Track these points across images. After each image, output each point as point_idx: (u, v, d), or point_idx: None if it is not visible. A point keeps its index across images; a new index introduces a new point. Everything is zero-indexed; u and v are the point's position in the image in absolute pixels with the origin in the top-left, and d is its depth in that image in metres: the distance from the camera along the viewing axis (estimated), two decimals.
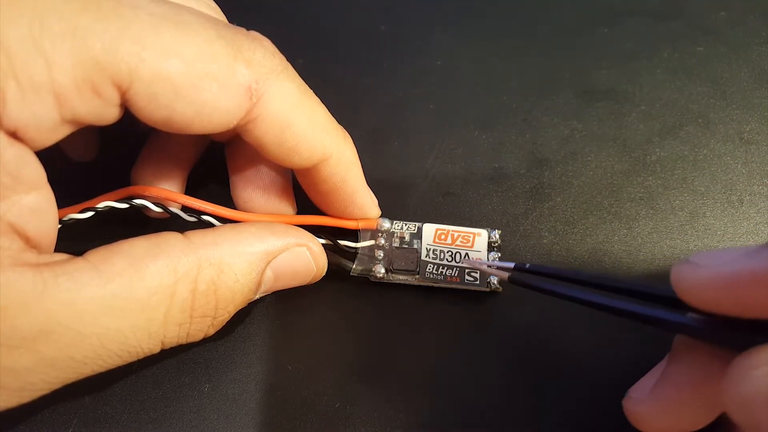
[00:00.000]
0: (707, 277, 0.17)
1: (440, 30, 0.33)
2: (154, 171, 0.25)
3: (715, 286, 0.16)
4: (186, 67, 0.18)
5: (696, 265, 0.17)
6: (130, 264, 0.19)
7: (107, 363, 0.19)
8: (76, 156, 0.26)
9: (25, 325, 0.17)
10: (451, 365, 0.25)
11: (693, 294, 0.17)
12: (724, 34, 0.32)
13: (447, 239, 0.26)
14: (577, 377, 0.24)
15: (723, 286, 0.16)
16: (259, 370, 0.25)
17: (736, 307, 0.16)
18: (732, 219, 0.28)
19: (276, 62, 0.20)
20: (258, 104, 0.20)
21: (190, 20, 0.19)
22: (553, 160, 0.29)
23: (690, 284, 0.17)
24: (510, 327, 0.25)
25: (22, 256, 0.17)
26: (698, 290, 0.17)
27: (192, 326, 0.20)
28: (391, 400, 0.24)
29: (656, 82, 0.31)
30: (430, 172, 0.29)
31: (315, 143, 0.22)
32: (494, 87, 0.31)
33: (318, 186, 0.24)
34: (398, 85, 0.31)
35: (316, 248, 0.23)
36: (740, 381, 0.15)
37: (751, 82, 0.31)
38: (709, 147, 0.29)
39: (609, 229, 0.28)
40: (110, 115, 0.19)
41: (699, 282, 0.17)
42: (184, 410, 0.24)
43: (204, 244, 0.20)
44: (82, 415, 0.23)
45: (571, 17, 0.33)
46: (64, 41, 0.17)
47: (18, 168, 0.17)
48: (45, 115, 0.17)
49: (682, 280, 0.17)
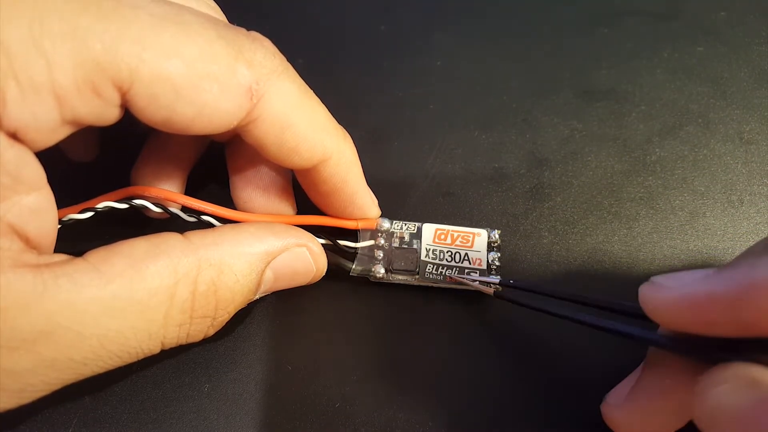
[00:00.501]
0: (669, 298, 0.18)
1: (440, 30, 0.33)
2: (153, 171, 0.25)
3: (676, 306, 0.18)
4: (186, 68, 0.18)
5: (659, 286, 0.18)
6: (130, 265, 0.19)
7: (107, 364, 0.19)
8: (76, 156, 0.26)
9: (25, 327, 0.17)
10: (451, 365, 0.25)
11: (658, 313, 0.18)
12: (724, 34, 0.33)
13: (447, 239, 0.26)
14: (576, 377, 0.24)
15: (684, 306, 0.17)
16: (259, 370, 0.25)
17: (697, 326, 0.17)
18: (732, 219, 0.28)
19: (276, 63, 0.20)
20: (258, 105, 0.20)
21: (190, 20, 0.19)
22: (553, 160, 0.29)
23: (654, 305, 0.18)
24: (509, 327, 0.25)
25: (22, 257, 0.17)
26: (662, 310, 0.18)
27: (192, 327, 0.20)
28: (391, 400, 0.24)
29: (656, 82, 0.31)
30: (430, 172, 0.29)
31: (315, 144, 0.22)
32: (494, 87, 0.31)
33: (318, 186, 0.24)
34: (398, 85, 0.31)
35: (316, 248, 0.23)
36: (704, 397, 0.16)
37: (751, 82, 0.31)
38: (709, 147, 0.29)
39: (609, 229, 0.28)
40: (110, 115, 0.19)
41: (661, 302, 0.18)
42: (184, 410, 0.24)
43: (204, 245, 0.20)
44: (82, 416, 0.23)
45: (571, 17, 0.33)
46: (65, 42, 0.16)
47: (18, 169, 0.17)
48: (45, 115, 0.17)
49: (647, 301, 0.19)
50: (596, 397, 0.23)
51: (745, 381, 0.16)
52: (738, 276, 0.16)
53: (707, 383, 0.17)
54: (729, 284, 0.16)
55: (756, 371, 0.16)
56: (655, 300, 0.18)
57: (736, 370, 0.16)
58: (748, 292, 0.16)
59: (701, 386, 0.17)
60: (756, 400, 0.15)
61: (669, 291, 0.18)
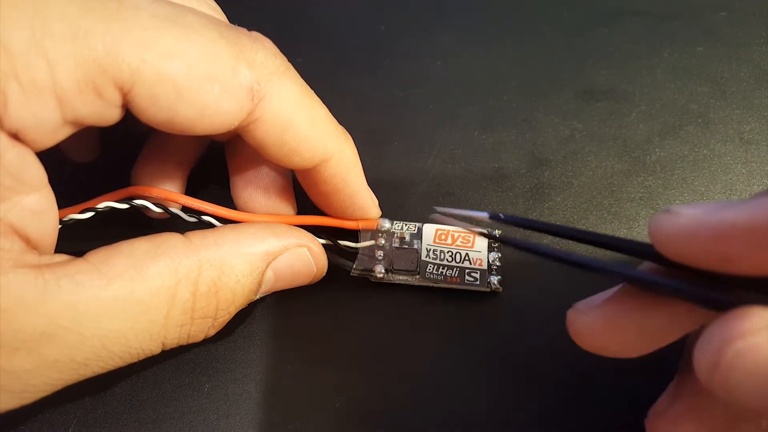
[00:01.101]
0: (687, 226, 0.16)
1: (440, 30, 0.33)
2: (154, 171, 0.25)
3: (695, 236, 0.15)
4: (188, 69, 0.18)
5: (677, 214, 0.16)
6: (130, 265, 0.19)
7: (108, 364, 0.19)
8: (77, 157, 0.26)
9: (26, 327, 0.17)
10: (451, 365, 0.25)
11: (671, 245, 0.16)
12: (724, 34, 0.33)
13: (447, 239, 0.26)
14: (576, 377, 0.24)
15: (704, 236, 0.15)
16: (259, 370, 0.25)
17: (714, 260, 0.15)
18: None
19: (278, 63, 0.20)
20: (259, 105, 0.20)
21: (191, 21, 0.19)
22: (553, 160, 0.29)
23: (669, 234, 0.16)
24: (510, 327, 0.25)
25: (23, 258, 0.17)
26: (677, 240, 0.16)
27: (193, 327, 0.20)
28: (391, 400, 0.24)
29: (656, 82, 0.31)
30: (430, 172, 0.29)
31: (316, 144, 0.22)
32: (494, 87, 0.31)
33: (318, 186, 0.24)
34: (398, 85, 0.31)
35: (317, 249, 0.23)
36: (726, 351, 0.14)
37: (751, 82, 0.31)
38: (709, 147, 0.30)
39: (609, 229, 0.28)
40: (111, 116, 0.19)
41: (678, 232, 0.16)
42: (184, 410, 0.24)
43: (205, 245, 0.20)
44: (82, 416, 0.23)
45: (571, 17, 0.33)
46: (66, 42, 0.16)
47: (19, 169, 0.17)
48: (46, 116, 0.17)
49: (662, 230, 0.16)
50: (597, 397, 0.23)
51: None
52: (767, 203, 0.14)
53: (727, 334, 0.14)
54: (757, 211, 0.14)
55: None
56: (669, 229, 0.16)
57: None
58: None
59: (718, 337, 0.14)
60: None
61: (688, 219, 0.16)
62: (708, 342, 0.14)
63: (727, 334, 0.14)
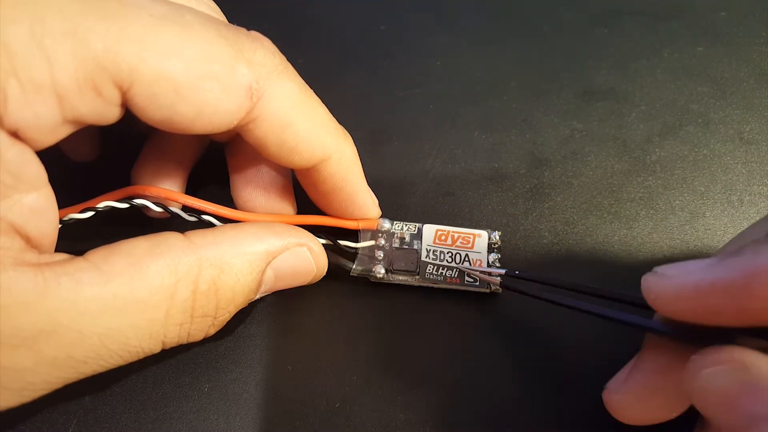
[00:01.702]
0: (672, 287, 0.18)
1: (440, 30, 0.33)
2: (154, 171, 0.25)
3: (679, 295, 0.18)
4: (187, 67, 0.18)
5: (662, 276, 0.18)
6: (130, 264, 0.19)
7: (108, 363, 0.19)
8: (77, 156, 0.26)
9: (26, 325, 0.17)
10: (451, 365, 0.25)
11: (660, 302, 0.19)
12: (724, 34, 0.33)
13: (447, 240, 0.26)
14: (576, 377, 0.24)
15: (687, 295, 0.17)
16: (259, 370, 0.24)
17: (700, 315, 0.17)
18: (732, 219, 0.28)
19: (276, 62, 0.20)
20: (258, 104, 0.20)
21: (191, 20, 0.19)
22: (553, 160, 0.29)
23: (657, 294, 0.18)
24: (509, 327, 0.25)
25: (23, 256, 0.17)
26: (664, 299, 0.18)
27: (193, 326, 0.20)
28: (391, 400, 0.24)
29: (656, 82, 0.31)
30: (430, 172, 0.29)
31: (315, 143, 0.22)
32: (494, 87, 0.31)
33: (318, 186, 0.24)
34: (398, 85, 0.31)
35: (317, 248, 0.23)
36: (696, 377, 0.17)
37: (751, 82, 0.31)
38: (709, 147, 0.30)
39: (609, 229, 0.28)
40: (111, 114, 0.19)
41: (664, 292, 0.18)
42: (184, 410, 0.24)
43: (205, 244, 0.20)
44: (82, 416, 0.23)
45: (571, 17, 0.33)
46: (66, 41, 0.16)
47: (19, 168, 0.17)
48: (46, 114, 0.17)
49: (650, 290, 0.19)
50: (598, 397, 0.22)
51: (735, 364, 0.16)
52: (741, 264, 0.16)
53: (699, 363, 0.17)
54: (732, 272, 0.16)
55: (747, 355, 0.16)
56: (657, 289, 0.18)
57: (729, 353, 0.17)
58: (753, 280, 0.16)
59: (693, 365, 0.17)
60: (743, 384, 0.16)
61: (672, 280, 0.18)
62: (691, 362, 0.18)
63: (700, 362, 0.17)
